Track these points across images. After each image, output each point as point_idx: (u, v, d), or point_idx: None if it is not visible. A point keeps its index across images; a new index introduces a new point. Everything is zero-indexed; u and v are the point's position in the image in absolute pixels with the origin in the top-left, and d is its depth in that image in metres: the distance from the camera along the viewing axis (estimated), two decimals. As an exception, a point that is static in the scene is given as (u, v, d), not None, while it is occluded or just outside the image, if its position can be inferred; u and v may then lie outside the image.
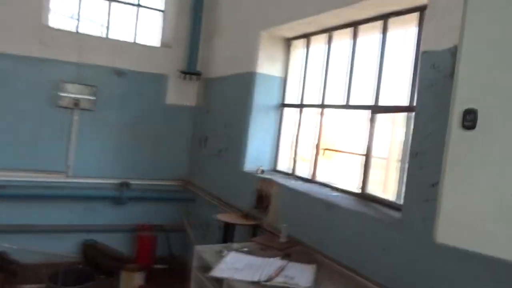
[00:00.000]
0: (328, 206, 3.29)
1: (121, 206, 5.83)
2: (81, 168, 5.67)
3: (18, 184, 5.34)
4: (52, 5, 5.70)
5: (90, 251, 5.52)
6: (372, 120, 3.48)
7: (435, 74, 2.51)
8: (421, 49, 2.63)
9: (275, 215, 3.96)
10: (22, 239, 5.40)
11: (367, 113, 3.55)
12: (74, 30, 5.83)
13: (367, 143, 3.52)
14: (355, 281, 2.80)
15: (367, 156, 3.50)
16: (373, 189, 3.47)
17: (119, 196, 5.76)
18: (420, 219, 2.49)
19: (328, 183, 4.00)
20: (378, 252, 2.75)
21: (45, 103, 5.50)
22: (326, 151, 4.25)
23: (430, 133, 2.50)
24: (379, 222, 2.80)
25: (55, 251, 5.55)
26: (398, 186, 3.20)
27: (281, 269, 2.76)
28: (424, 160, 2.52)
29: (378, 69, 3.50)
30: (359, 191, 3.52)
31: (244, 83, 4.87)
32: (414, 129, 2.64)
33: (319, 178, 4.15)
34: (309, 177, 4.22)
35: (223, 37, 5.68)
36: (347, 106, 3.87)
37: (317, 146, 4.22)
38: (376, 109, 3.45)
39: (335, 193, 3.67)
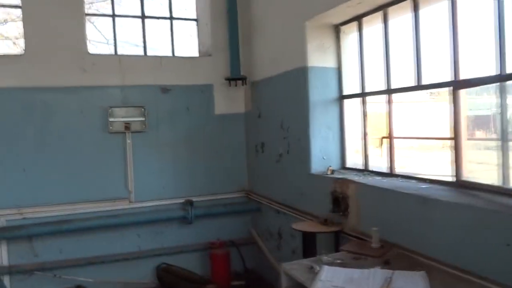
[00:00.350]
0: (422, 200, 2.93)
1: (189, 226, 5.69)
2: (143, 192, 5.59)
3: (83, 217, 5.31)
4: (89, 33, 5.65)
5: (165, 275, 5.42)
6: (455, 97, 3.08)
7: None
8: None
9: (358, 218, 3.63)
10: (95, 271, 5.37)
11: (447, 90, 3.15)
12: (113, 53, 5.75)
13: (453, 124, 3.12)
14: (478, 285, 2.42)
15: (456, 138, 3.10)
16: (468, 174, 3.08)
17: (185, 215, 5.62)
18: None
19: (411, 174, 3.64)
20: (501, 249, 2.36)
21: (96, 131, 5.45)
22: (401, 140, 3.88)
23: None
24: (496, 213, 2.41)
25: (130, 279, 5.50)
26: (503, 169, 2.79)
27: (388, 281, 2.44)
28: (545, 136, 2.12)
29: (452, 39, 3.09)
30: (453, 179, 3.13)
31: (296, 80, 4.57)
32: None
33: (399, 170, 3.79)
34: (387, 170, 3.86)
35: (264, 35, 5.41)
36: (419, 87, 3.48)
37: (390, 136, 3.85)
38: (459, 84, 3.05)
39: (424, 185, 3.29)
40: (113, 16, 5.76)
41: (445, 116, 3.27)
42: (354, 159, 4.44)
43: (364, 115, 4.17)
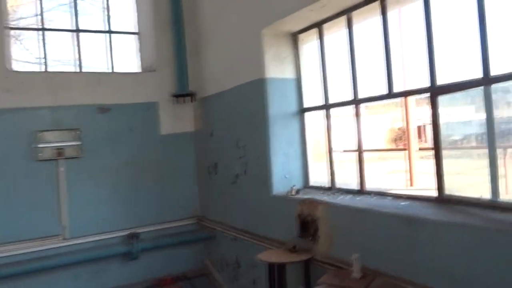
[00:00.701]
0: (407, 220, 2.59)
1: (134, 261, 5.01)
2: (79, 226, 4.85)
3: (8, 261, 4.46)
4: (15, 51, 4.95)
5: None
6: (433, 104, 2.81)
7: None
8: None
9: (330, 243, 3.24)
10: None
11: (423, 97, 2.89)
12: (42, 70, 5.06)
13: (432, 134, 2.85)
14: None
15: (436, 149, 2.82)
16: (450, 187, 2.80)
17: (130, 250, 4.95)
18: None
19: (384, 191, 3.32)
20: (509, 272, 2.05)
21: (23, 158, 4.68)
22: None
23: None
24: (497, 232, 2.10)
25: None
26: (492, 181, 2.52)
27: (386, 322, 2.04)
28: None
29: (427, 44, 2.83)
30: (435, 193, 2.84)
31: (252, 93, 4.18)
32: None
33: (369, 187, 3.47)
34: (357, 187, 3.52)
35: (215, 47, 4.99)
36: (391, 95, 3.20)
37: (359, 149, 3.53)
38: (438, 89, 2.78)
39: (403, 203, 2.97)
40: (42, 29, 5.10)
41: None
42: (318, 177, 4.09)
43: (328, 128, 3.84)
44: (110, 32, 5.52)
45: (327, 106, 3.82)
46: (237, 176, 4.59)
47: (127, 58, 5.70)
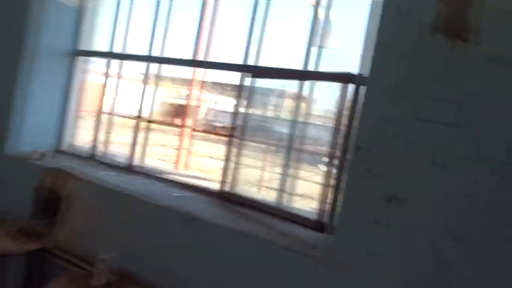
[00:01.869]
0: (185, 220, 2.05)
1: None
2: None
3: None
4: None
5: None
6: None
7: (402, 24, 1.59)
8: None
9: (75, 232, 2.43)
10: None
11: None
12: None
13: (233, 120, 2.40)
14: None
15: (231, 137, 2.39)
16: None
17: None
18: (363, 249, 1.60)
19: (157, 173, 2.73)
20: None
21: None
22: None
23: (385, 118, 1.60)
24: (288, 251, 1.77)
25: None
26: (281, 185, 2.23)
27: None
28: (375, 159, 1.61)
29: (251, 15, 2.39)
30: (218, 187, 2.41)
31: (8, 10, 2.95)
32: (362, 110, 1.67)
33: (140, 164, 2.82)
34: (126, 163, 2.82)
35: None
36: (195, 63, 2.64)
37: (139, 117, 2.84)
38: (257, 71, 2.34)
39: (179, 193, 2.43)
40: None
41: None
42: (79, 141, 3.21)
43: (105, 82, 3.01)
44: None
45: (111, 55, 2.97)
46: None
47: None
